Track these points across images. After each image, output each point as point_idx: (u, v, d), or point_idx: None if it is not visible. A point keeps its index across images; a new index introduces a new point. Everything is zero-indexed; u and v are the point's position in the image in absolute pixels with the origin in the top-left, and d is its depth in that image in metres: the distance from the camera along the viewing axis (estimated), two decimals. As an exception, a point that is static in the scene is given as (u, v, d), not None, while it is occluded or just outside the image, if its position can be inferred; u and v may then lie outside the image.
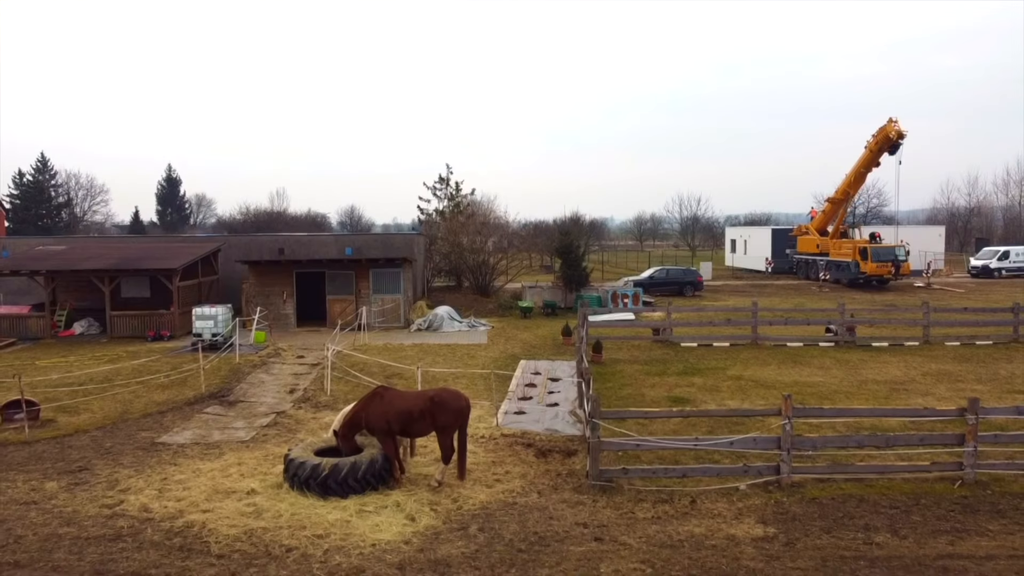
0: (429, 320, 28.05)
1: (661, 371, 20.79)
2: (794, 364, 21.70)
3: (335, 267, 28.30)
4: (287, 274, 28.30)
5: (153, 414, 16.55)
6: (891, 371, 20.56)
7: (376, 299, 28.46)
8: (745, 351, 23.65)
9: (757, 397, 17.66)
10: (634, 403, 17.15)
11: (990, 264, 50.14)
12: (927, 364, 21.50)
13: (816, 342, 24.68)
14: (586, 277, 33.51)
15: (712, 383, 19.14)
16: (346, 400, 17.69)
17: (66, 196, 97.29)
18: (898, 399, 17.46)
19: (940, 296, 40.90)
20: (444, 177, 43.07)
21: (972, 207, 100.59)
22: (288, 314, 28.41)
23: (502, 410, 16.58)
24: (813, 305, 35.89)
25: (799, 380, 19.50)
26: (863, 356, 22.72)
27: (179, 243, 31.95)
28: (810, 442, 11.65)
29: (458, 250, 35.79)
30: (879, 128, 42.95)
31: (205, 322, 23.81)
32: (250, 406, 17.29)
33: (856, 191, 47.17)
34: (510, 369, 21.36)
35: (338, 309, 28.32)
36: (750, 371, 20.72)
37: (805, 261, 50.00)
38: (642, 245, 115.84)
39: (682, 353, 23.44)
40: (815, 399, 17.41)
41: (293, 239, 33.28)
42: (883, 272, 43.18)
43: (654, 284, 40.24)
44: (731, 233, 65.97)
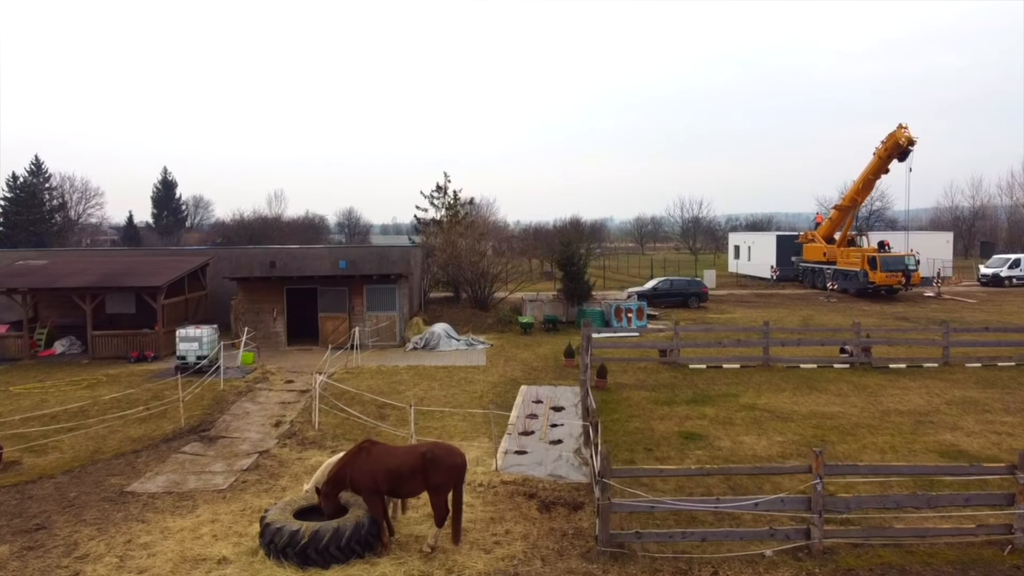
0: (425, 339, 26.89)
1: (670, 399, 19.65)
2: (809, 390, 20.56)
3: (328, 283, 27.14)
4: (277, 290, 27.15)
5: (127, 454, 15.38)
6: (913, 399, 19.43)
7: (370, 316, 27.30)
8: (757, 374, 22.52)
9: (774, 432, 16.52)
10: (643, 439, 16.02)
11: (1001, 272, 49.01)
12: (950, 390, 20.36)
13: (830, 363, 23.55)
14: (588, 291, 32.38)
15: (725, 414, 17.99)
16: (334, 436, 16.56)
17: (60, 199, 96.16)
18: (924, 433, 16.34)
19: (952, 307, 39.78)
20: (442, 186, 41.95)
21: (976, 210, 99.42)
22: (278, 332, 27.25)
23: (502, 449, 15.43)
24: (822, 318, 34.79)
25: (816, 410, 18.36)
26: (881, 380, 21.59)
27: (166, 257, 30.78)
28: (844, 503, 10.49)
29: (456, 261, 34.64)
30: (888, 134, 41.81)
31: (189, 344, 22.65)
32: (231, 443, 16.13)
33: (864, 198, 46.06)
34: (510, 396, 20.22)
35: (331, 327, 27.15)
36: (764, 399, 19.59)
37: (811, 269, 48.87)
38: (643, 248, 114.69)
39: (690, 377, 22.30)
40: (836, 434, 16.28)
41: (285, 252, 32.14)
42: (893, 282, 42.05)
43: (658, 295, 39.09)
44: (735, 239, 64.80)
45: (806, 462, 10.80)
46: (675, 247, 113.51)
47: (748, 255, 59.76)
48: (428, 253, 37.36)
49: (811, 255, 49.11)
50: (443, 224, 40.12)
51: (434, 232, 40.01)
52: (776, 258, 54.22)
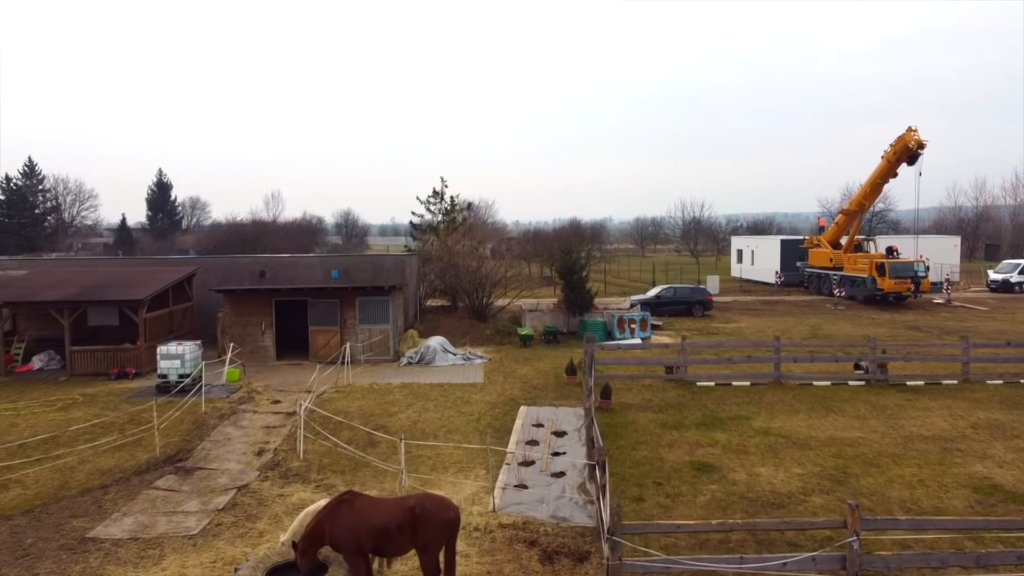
0: (420, 353, 25.75)
1: (678, 422, 18.52)
2: (825, 412, 19.43)
3: (318, 295, 26.00)
4: (265, 303, 26.00)
5: (94, 490, 14.25)
6: (936, 422, 18.31)
7: (363, 330, 26.15)
8: (768, 392, 21.39)
9: (792, 462, 15.40)
10: (652, 471, 14.90)
11: (1011, 278, 47.90)
12: (973, 412, 19.25)
13: (845, 380, 22.43)
14: (590, 301, 31.26)
15: (738, 441, 16.87)
16: (320, 467, 15.43)
17: (54, 201, 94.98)
18: (953, 464, 15.22)
19: (963, 315, 38.69)
20: (439, 191, 40.76)
21: (980, 212, 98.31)
22: (267, 346, 26.11)
23: (500, 483, 14.31)
24: (831, 328, 33.69)
25: (835, 436, 17.23)
26: (899, 400, 20.47)
27: (151, 267, 29.62)
28: (883, 561, 9.38)
29: (453, 270, 33.51)
30: (897, 138, 40.73)
31: (171, 362, 21.50)
32: (209, 476, 14.99)
33: (872, 202, 45.02)
34: (509, 418, 19.09)
35: (322, 341, 26.01)
36: (778, 421, 18.46)
37: (817, 275, 47.77)
38: (643, 250, 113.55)
39: (699, 396, 21.18)
40: (859, 464, 15.16)
41: (275, 261, 31.00)
42: (902, 289, 40.97)
43: (661, 304, 37.97)
44: (737, 242, 63.69)
45: (840, 517, 9.69)
46: (676, 249, 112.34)
47: (752, 259, 58.66)
48: (425, 260, 36.24)
49: (817, 260, 48.01)
50: (439, 231, 38.98)
51: (430, 239, 38.88)
52: (780, 263, 53.13)
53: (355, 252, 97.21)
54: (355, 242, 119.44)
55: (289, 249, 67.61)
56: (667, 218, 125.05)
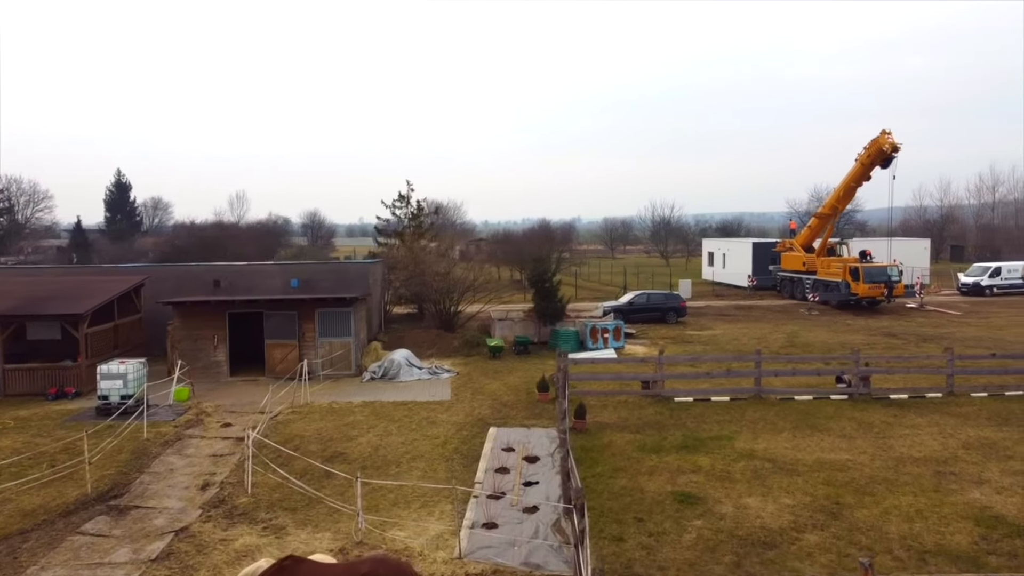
0: (384, 367, 24.41)
1: (657, 444, 17.44)
2: (810, 430, 18.49)
3: (275, 307, 24.52)
4: (218, 315, 24.46)
5: (12, 536, 12.73)
6: (926, 441, 17.45)
7: (323, 343, 24.74)
8: (749, 408, 20.43)
9: (780, 490, 14.39)
10: (632, 504, 13.78)
11: (981, 281, 47.84)
12: (962, 429, 18.44)
13: (827, 394, 21.55)
14: (562, 310, 30.13)
15: (721, 466, 15.82)
16: (269, 504, 14.06)
17: (7, 202, 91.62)
18: (949, 491, 14.32)
19: (937, 320, 38.30)
20: (404, 195, 39.26)
21: (946, 213, 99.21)
22: (220, 361, 24.57)
23: (467, 521, 13.08)
24: (808, 335, 32.97)
25: (823, 459, 16.27)
26: (885, 416, 19.62)
27: (98, 276, 27.88)
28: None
29: (419, 277, 32.16)
30: (871, 140, 40.25)
31: (112, 382, 19.94)
32: (145, 516, 13.55)
33: (845, 206, 44.58)
34: (477, 441, 17.86)
35: (279, 356, 24.54)
36: (762, 443, 17.47)
37: (790, 279, 47.22)
38: (613, 252, 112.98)
39: (677, 413, 20.15)
40: (851, 493, 14.19)
41: (231, 270, 29.42)
42: (875, 294, 40.47)
43: (634, 311, 37.01)
44: (709, 245, 63.10)
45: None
46: (645, 250, 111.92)
47: (723, 262, 58.07)
48: (390, 267, 34.84)
49: (790, 264, 47.45)
50: (405, 236, 37.57)
51: (396, 245, 37.43)
52: (752, 267, 52.54)
53: (321, 254, 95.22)
54: (321, 244, 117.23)
55: (253, 253, 65.59)
56: (637, 219, 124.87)
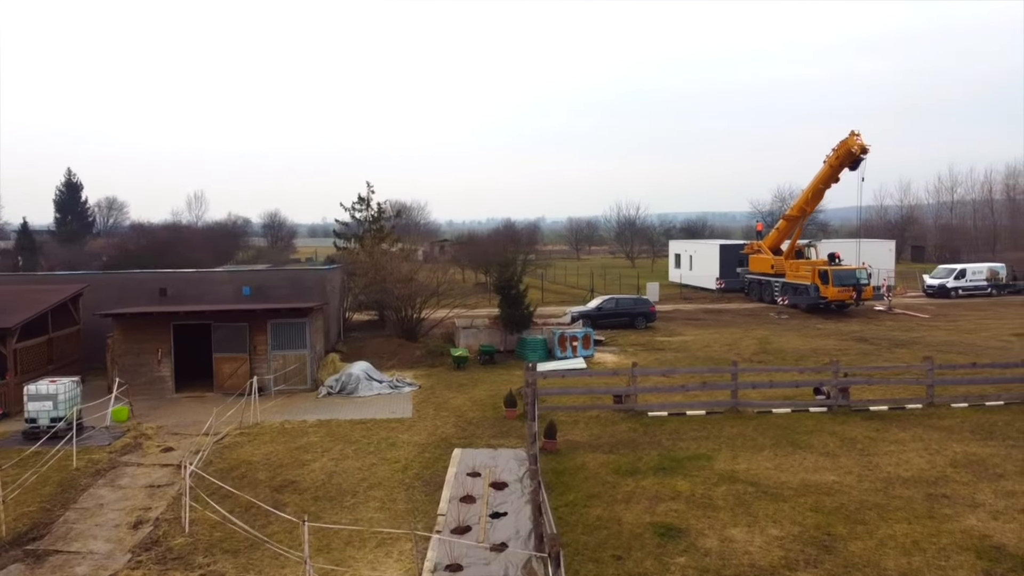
0: (342, 382, 23.01)
1: (633, 465, 16.37)
2: (792, 447, 17.59)
3: (224, 318, 22.96)
4: (162, 327, 22.83)
5: (-92, 593, 11.18)
6: (912, 459, 16.64)
7: (276, 356, 23.25)
8: (727, 423, 19.49)
9: (767, 519, 13.39)
10: (609, 538, 12.66)
11: (947, 283, 47.88)
12: (948, 444, 17.69)
13: (806, 407, 20.73)
14: (529, 317, 28.98)
15: (702, 491, 14.79)
16: (208, 547, 12.64)
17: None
18: (944, 517, 13.46)
19: (907, 324, 38.01)
20: (364, 197, 37.73)
21: (906, 214, 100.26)
22: (164, 377, 22.94)
23: (428, 563, 11.83)
24: (780, 340, 32.29)
25: (808, 480, 15.34)
26: (867, 431, 18.81)
27: (32, 286, 26.01)
28: None
29: (381, 284, 30.73)
30: (840, 142, 39.85)
31: (41, 404, 18.27)
32: (66, 563, 12.06)
33: (814, 208, 44.18)
34: (440, 465, 16.61)
35: (228, 370, 23.00)
36: (743, 462, 16.50)
37: (759, 282, 46.72)
38: (578, 253, 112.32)
39: (652, 429, 19.12)
40: (842, 521, 13.25)
41: (178, 277, 27.73)
42: (844, 297, 40.11)
43: (603, 316, 36.03)
44: (675, 247, 62.56)
45: None
46: (610, 251, 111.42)
47: (690, 264, 57.55)
48: (350, 273, 33.36)
49: (758, 267, 46.96)
50: (365, 241, 36.06)
51: (356, 250, 35.91)
52: (720, 269, 52.06)
53: (281, 256, 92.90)
54: (282, 245, 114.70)
55: (208, 257, 63.36)
56: (602, 219, 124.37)
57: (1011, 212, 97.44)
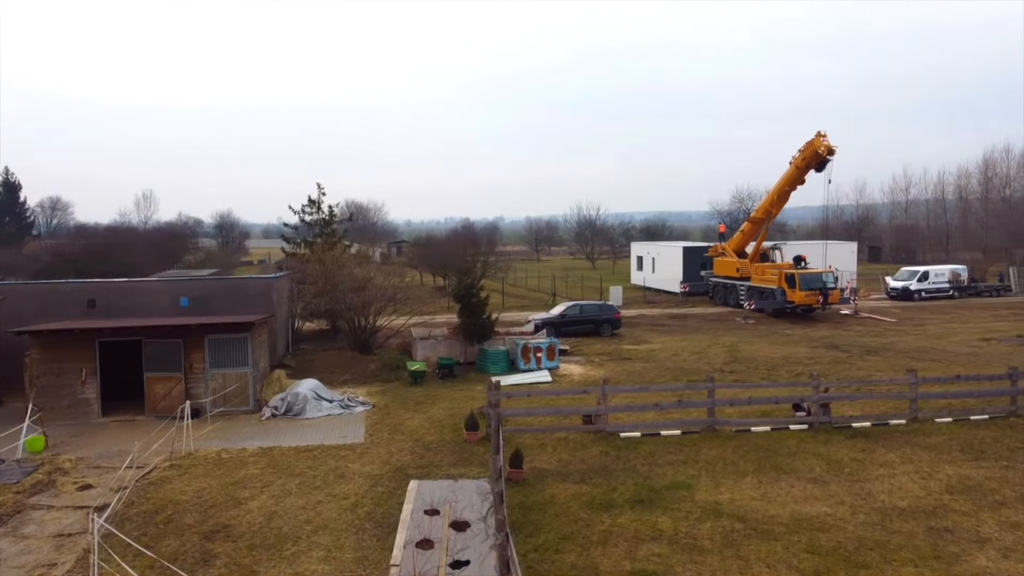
0: (288, 402, 21.14)
1: (607, 498, 14.90)
2: (776, 472, 16.31)
3: (155, 334, 20.90)
4: (87, 344, 20.69)
5: None
6: (906, 485, 15.46)
7: (215, 375, 21.27)
8: (704, 444, 18.15)
9: (759, 563, 12.02)
10: (586, 593, 11.14)
11: (910, 286, 47.58)
12: (940, 467, 16.59)
13: (786, 424, 19.50)
14: (490, 327, 27.38)
15: (686, 529, 13.37)
16: (120, 616, 10.79)
17: None
18: (949, 555, 12.26)
19: (873, 328, 37.35)
20: (314, 200, 35.60)
21: (863, 214, 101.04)
22: (89, 399, 20.81)
23: (379, 631, 10.17)
24: (749, 348, 31.22)
25: (798, 513, 14.04)
26: (853, 451, 17.64)
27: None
28: None
29: (332, 291, 28.81)
30: (806, 143, 39.06)
31: (-62, 437, 16.08)
32: (-56, 642, 10.11)
33: (779, 210, 43.33)
34: (395, 501, 14.91)
35: (161, 391, 20.94)
36: (726, 492, 15.16)
37: (723, 285, 45.80)
38: (538, 255, 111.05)
39: (625, 453, 17.68)
40: (842, 564, 11.94)
41: (109, 287, 25.49)
42: (811, 301, 39.32)
43: (567, 323, 34.60)
44: (637, 249, 61.55)
45: None
46: (570, 252, 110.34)
47: (653, 267, 56.54)
48: (300, 280, 31.36)
49: (723, 270, 46.04)
50: (316, 247, 34.04)
51: (306, 256, 33.87)
52: (683, 272, 51.10)
53: (232, 258, 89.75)
54: (233, 247, 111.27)
55: (153, 260, 60.38)
56: (561, 219, 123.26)
57: (962, 212, 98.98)
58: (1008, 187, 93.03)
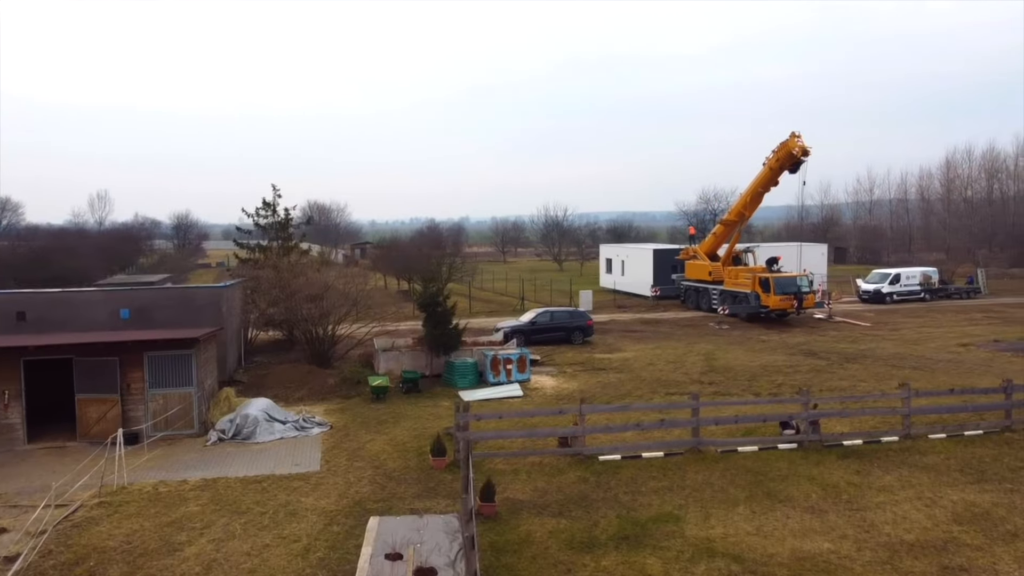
0: (236, 424, 19.36)
1: (589, 535, 13.48)
2: (770, 500, 15.06)
3: (88, 352, 18.97)
4: (10, 364, 18.70)
5: None
6: (910, 514, 14.30)
7: (155, 396, 19.41)
8: (690, 468, 16.84)
9: (764, 616, 10.68)
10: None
11: (882, 288, 47.07)
12: (941, 490, 15.49)
13: (774, 443, 18.30)
14: (458, 337, 25.82)
15: (678, 574, 12.00)
16: None
17: None
18: (970, 600, 11.05)
19: (849, 333, 36.56)
20: (269, 202, 33.58)
21: (827, 215, 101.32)
22: (13, 424, 18.81)
23: None
24: (726, 356, 30.13)
25: (800, 550, 12.75)
26: (848, 474, 16.47)
27: None
28: None
29: (289, 300, 26.97)
30: (780, 144, 38.16)
31: None
32: None
33: (752, 212, 42.40)
34: (351, 543, 13.29)
35: (95, 414, 19.02)
36: (718, 525, 13.84)
37: (695, 289, 44.77)
38: (504, 256, 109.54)
39: (605, 479, 16.30)
40: (854, 615, 10.65)
41: (41, 299, 23.36)
42: (786, 306, 38.42)
43: (537, 331, 33.16)
44: (606, 251, 60.34)
45: None
46: (537, 253, 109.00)
47: (622, 269, 55.39)
48: (254, 287, 29.46)
49: (694, 273, 45.01)
50: (271, 252, 32.12)
51: (260, 261, 31.90)
52: (653, 275, 49.99)
53: (188, 261, 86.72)
54: (191, 249, 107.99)
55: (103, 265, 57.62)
56: (527, 220, 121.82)
57: (924, 213, 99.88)
58: (970, 188, 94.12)
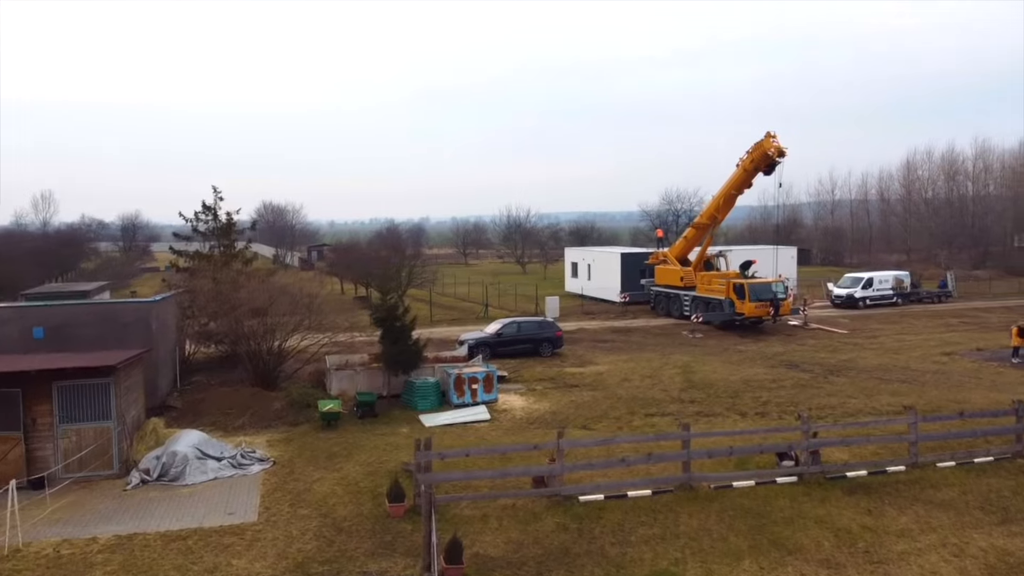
0: (163, 463, 16.84)
1: (574, 604, 11.39)
2: (777, 552, 13.16)
3: (-15, 382, 16.27)
4: None
5: None
6: (938, 567, 12.56)
7: (66, 431, 16.79)
8: (682, 509, 14.87)
9: None
10: None
11: (855, 293, 45.94)
12: (965, 534, 13.78)
13: (772, 477, 16.42)
14: (418, 355, 23.53)
15: (685, 660, 9.97)
16: None
17: None
18: None
19: (827, 341, 35.14)
20: (209, 205, 30.75)
21: (790, 216, 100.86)
22: None
23: None
24: (704, 368, 28.37)
25: (823, 622, 10.83)
26: (858, 512, 14.69)
27: None
28: None
29: (228, 312, 24.37)
30: (755, 144, 36.61)
31: None
32: None
33: (725, 215, 40.81)
34: (291, 621, 10.99)
35: (-7, 455, 16.33)
36: (722, 587, 11.86)
37: (666, 295, 43.01)
38: (466, 258, 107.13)
39: (588, 524, 14.24)
40: None
41: (-60, 316, 20.53)
42: (761, 313, 36.87)
43: (503, 343, 31.01)
44: (571, 255, 58.41)
45: None
46: (499, 255, 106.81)
47: (588, 274, 53.47)
48: (191, 300, 26.78)
49: (665, 279, 43.26)
50: (210, 261, 29.42)
51: (200, 269, 29.15)
52: (622, 280, 48.15)
53: (134, 265, 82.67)
54: (138, 251, 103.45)
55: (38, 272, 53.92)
56: (489, 221, 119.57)
57: (883, 214, 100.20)
58: (930, 189, 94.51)
